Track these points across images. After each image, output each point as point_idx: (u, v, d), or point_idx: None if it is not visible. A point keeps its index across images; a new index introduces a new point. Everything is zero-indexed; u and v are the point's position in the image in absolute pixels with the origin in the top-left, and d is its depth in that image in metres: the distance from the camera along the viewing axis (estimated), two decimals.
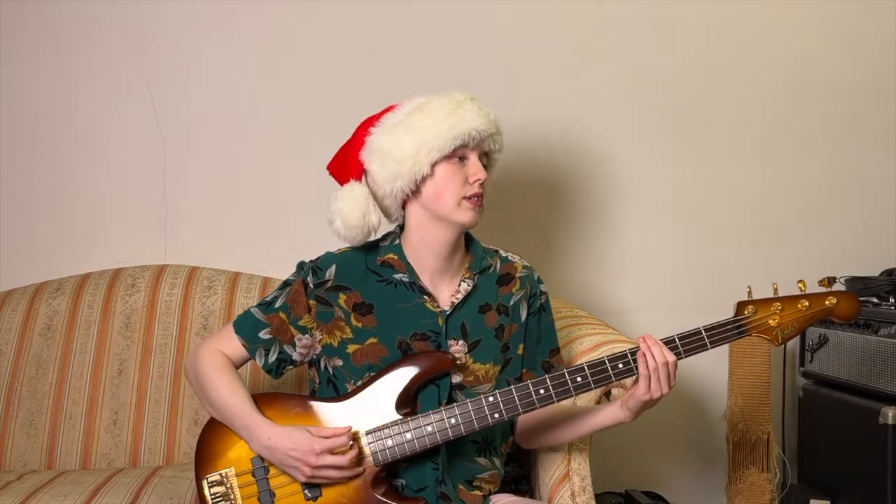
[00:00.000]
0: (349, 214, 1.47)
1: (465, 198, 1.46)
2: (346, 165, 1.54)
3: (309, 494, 1.42)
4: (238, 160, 2.27)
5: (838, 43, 2.43)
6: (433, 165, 1.46)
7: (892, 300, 2.17)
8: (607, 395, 1.73)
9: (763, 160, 2.42)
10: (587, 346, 1.68)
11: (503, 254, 1.62)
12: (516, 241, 2.30)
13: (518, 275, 1.59)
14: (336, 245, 1.59)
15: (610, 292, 2.38)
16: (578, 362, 1.63)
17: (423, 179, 1.47)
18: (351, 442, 1.39)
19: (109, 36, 2.23)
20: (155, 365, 2.01)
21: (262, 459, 1.43)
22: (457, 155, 1.47)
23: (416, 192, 1.48)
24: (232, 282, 2.12)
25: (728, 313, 1.48)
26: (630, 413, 1.45)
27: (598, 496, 1.79)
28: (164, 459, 1.96)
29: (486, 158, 1.52)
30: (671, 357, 1.39)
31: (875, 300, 2.21)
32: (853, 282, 2.28)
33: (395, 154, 1.45)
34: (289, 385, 2.01)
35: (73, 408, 1.97)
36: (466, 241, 1.57)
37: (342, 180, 1.55)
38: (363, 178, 1.52)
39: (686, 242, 2.40)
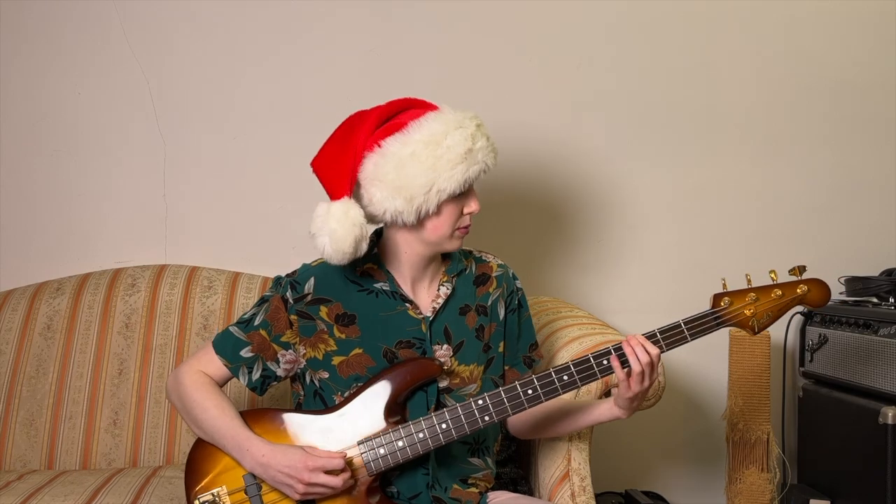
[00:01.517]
0: (342, 240, 1.37)
1: (457, 228, 1.46)
2: (339, 172, 1.43)
3: None
4: (238, 160, 2.27)
5: (839, 42, 2.43)
6: (440, 204, 1.42)
7: (892, 300, 2.17)
8: (607, 393, 1.73)
9: (763, 160, 2.42)
10: (587, 346, 1.68)
11: (477, 254, 1.61)
12: (513, 240, 2.31)
13: (494, 274, 1.58)
14: None
15: (608, 292, 2.37)
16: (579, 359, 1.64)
17: (428, 215, 1.43)
18: (344, 465, 1.37)
19: (109, 36, 2.23)
20: (155, 365, 2.01)
21: (255, 476, 1.41)
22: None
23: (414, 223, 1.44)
24: (232, 282, 2.12)
25: None
26: (623, 410, 1.46)
27: (598, 496, 1.80)
28: (164, 459, 1.96)
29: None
30: (654, 350, 1.40)
31: (875, 300, 2.21)
32: (853, 282, 2.28)
33: (405, 191, 1.39)
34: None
35: (73, 408, 1.97)
36: None
37: (330, 187, 1.44)
38: (353, 190, 1.43)
39: (685, 242, 2.40)
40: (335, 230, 1.37)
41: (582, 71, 2.36)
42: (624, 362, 1.40)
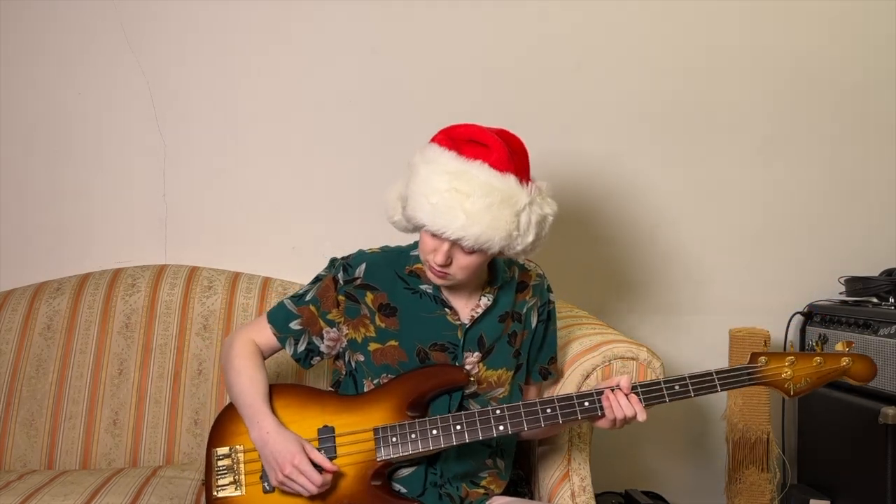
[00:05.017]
0: (386, 204, 1.51)
1: (427, 261, 1.46)
2: None
3: None
4: (238, 160, 2.27)
5: (839, 43, 2.43)
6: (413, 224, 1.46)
7: (892, 300, 2.18)
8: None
9: (763, 161, 2.42)
10: (587, 346, 1.68)
11: (521, 261, 1.61)
12: None
13: (532, 283, 1.61)
14: (335, 250, 1.61)
15: (612, 294, 2.38)
16: (578, 362, 1.64)
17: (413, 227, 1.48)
18: (324, 482, 1.40)
19: (109, 36, 2.23)
20: (155, 365, 2.01)
21: None
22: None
23: None
24: (232, 282, 2.12)
25: (728, 315, 1.54)
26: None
27: (598, 496, 1.79)
28: (164, 459, 1.96)
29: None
30: (630, 414, 1.44)
31: (875, 300, 2.21)
32: (853, 282, 2.28)
33: (401, 190, 1.46)
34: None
35: (73, 408, 1.97)
36: None
37: None
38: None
39: (684, 242, 2.40)
40: (384, 200, 1.51)
41: (582, 72, 2.36)
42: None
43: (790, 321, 2.33)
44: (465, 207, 1.36)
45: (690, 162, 2.40)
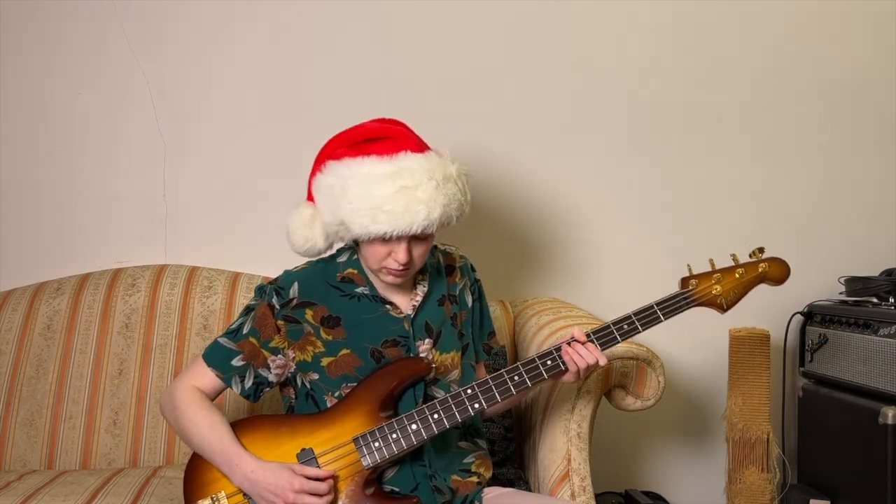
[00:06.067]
0: (293, 235, 1.53)
1: (383, 267, 1.46)
2: (310, 177, 1.54)
3: None
4: (238, 160, 2.27)
5: (839, 43, 2.43)
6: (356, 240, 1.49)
7: (892, 300, 2.18)
8: (607, 394, 1.73)
9: (762, 160, 2.42)
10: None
11: (441, 247, 1.66)
12: (512, 241, 2.31)
13: (458, 265, 1.64)
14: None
15: (606, 292, 2.37)
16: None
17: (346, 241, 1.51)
18: (329, 489, 1.39)
19: (110, 36, 2.23)
20: (155, 365, 2.01)
21: None
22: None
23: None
24: (232, 282, 2.12)
25: (727, 315, 1.57)
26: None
27: (598, 496, 1.79)
28: (164, 459, 1.96)
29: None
30: (591, 361, 1.48)
31: (875, 300, 2.21)
32: (853, 282, 2.28)
33: (325, 217, 1.47)
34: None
35: (73, 408, 1.97)
36: None
37: (308, 191, 1.54)
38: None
39: (683, 242, 2.40)
40: (288, 228, 1.53)
41: (580, 72, 2.36)
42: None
43: (790, 321, 2.33)
44: (420, 198, 1.39)
45: (689, 162, 2.40)
